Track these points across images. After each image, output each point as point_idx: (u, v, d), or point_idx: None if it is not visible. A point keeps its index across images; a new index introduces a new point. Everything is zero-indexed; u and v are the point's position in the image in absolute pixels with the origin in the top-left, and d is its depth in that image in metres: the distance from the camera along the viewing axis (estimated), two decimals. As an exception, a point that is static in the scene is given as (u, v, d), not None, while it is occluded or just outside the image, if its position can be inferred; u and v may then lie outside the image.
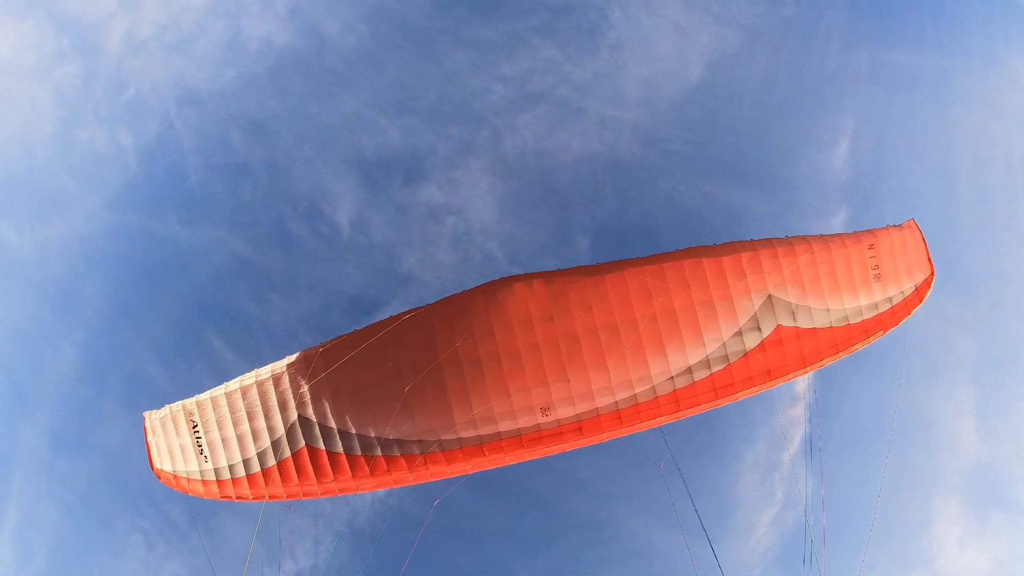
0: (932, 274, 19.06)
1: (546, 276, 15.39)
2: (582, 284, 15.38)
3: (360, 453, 15.63)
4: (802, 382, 18.74)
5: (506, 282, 15.21)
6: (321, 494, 16.01)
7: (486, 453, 15.92)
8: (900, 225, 18.54)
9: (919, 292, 19.07)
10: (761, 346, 17.40)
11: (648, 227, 43.44)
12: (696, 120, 44.70)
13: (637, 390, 16.44)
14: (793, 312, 17.45)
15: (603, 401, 16.20)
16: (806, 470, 18.27)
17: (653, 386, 16.55)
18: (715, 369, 17.06)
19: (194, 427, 15.83)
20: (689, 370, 16.84)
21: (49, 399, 47.22)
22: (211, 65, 48.47)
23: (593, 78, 45.63)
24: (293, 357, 15.28)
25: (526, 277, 15.32)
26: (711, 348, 16.94)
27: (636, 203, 44.29)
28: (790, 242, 17.38)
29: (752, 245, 16.97)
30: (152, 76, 49.15)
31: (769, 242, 17.24)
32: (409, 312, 14.97)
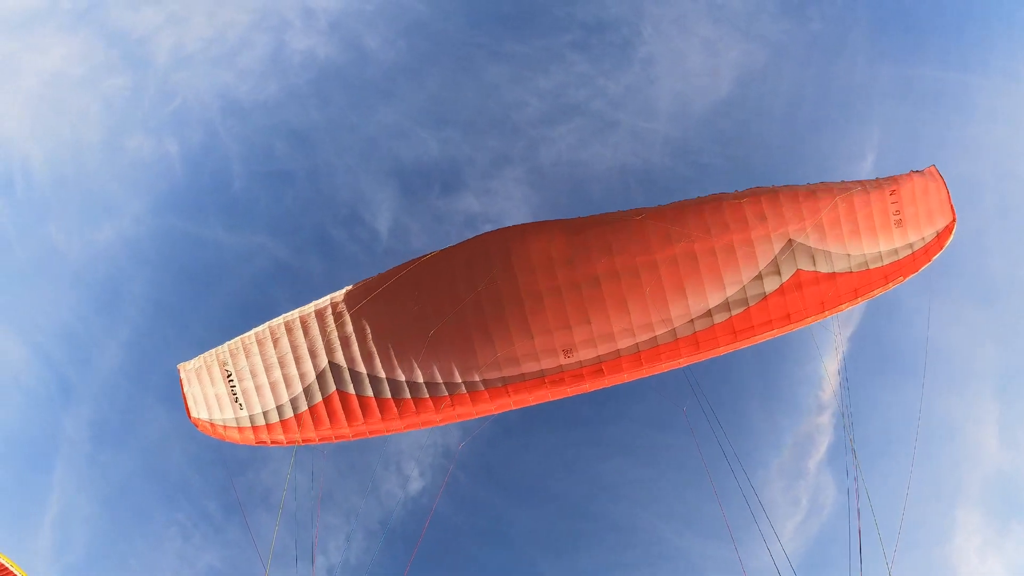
0: (954, 220, 18.98)
1: (566, 221, 15.59)
2: (602, 229, 15.60)
3: (389, 396, 16.07)
4: (828, 389, 18.90)
5: (527, 227, 15.45)
6: (352, 436, 16.51)
7: (510, 394, 16.27)
8: (922, 171, 18.47)
9: (940, 239, 19.02)
10: (780, 290, 17.49)
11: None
12: (726, 133, 45.44)
13: (657, 332, 16.65)
14: (813, 257, 17.51)
15: (624, 343, 16.44)
16: (855, 472, 18.44)
17: (673, 328, 16.75)
18: (735, 312, 17.20)
19: (228, 376, 16.39)
20: (709, 313, 17.00)
21: (93, 394, 48.88)
22: (255, 77, 49.95)
23: (626, 91, 46.66)
24: (321, 303, 15.72)
25: (546, 223, 15.54)
26: (731, 291, 17.06)
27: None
28: (812, 189, 17.36)
29: (774, 191, 16.98)
30: (198, 87, 50.62)
31: (792, 188, 17.20)
32: (430, 254, 15.32)
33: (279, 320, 16.02)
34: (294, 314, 16.07)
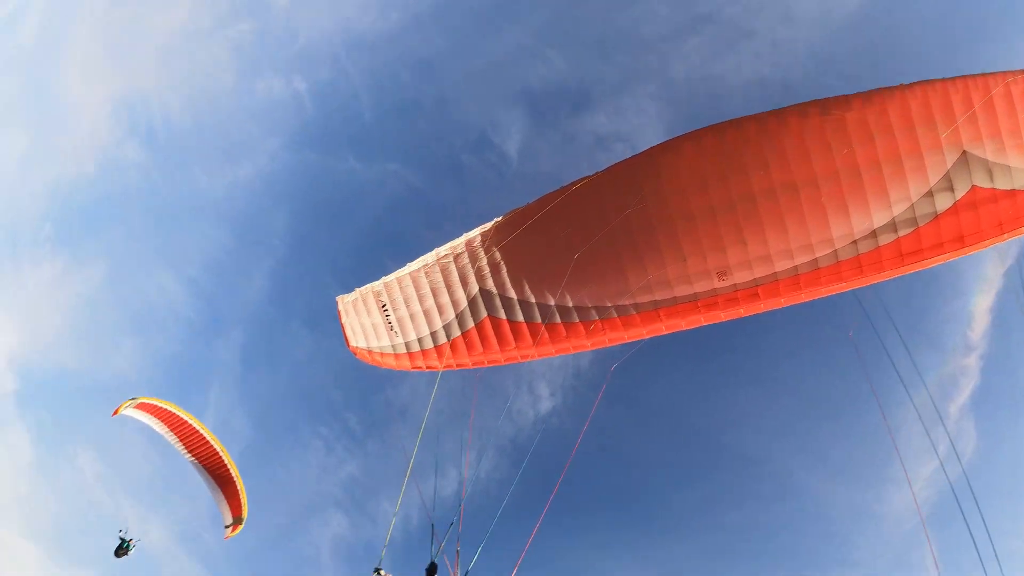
0: None
1: (717, 132, 14.53)
2: (756, 140, 14.45)
3: (539, 321, 16.17)
4: (977, 327, 17.09)
5: (676, 143, 14.64)
6: (504, 361, 16.82)
7: (662, 318, 15.93)
8: None
9: None
10: (954, 208, 15.88)
11: None
12: (875, 38, 40.82)
13: (818, 254, 15.65)
14: (990, 171, 15.68)
15: (781, 265, 15.59)
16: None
17: (835, 250, 15.68)
18: (902, 233, 15.83)
19: (383, 306, 17.05)
20: (874, 233, 15.73)
21: (242, 321, 53.13)
22: (376, 8, 50.81)
23: None
24: (471, 234, 15.92)
25: (695, 136, 14.58)
26: (898, 209, 15.66)
27: None
28: (984, 81, 15.33)
29: (943, 88, 15.11)
30: (320, 25, 52.36)
31: (962, 81, 15.15)
32: (580, 181, 15.04)
33: (431, 253, 16.42)
34: (445, 247, 16.39)
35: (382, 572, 13.35)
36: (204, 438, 25.26)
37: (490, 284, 16.03)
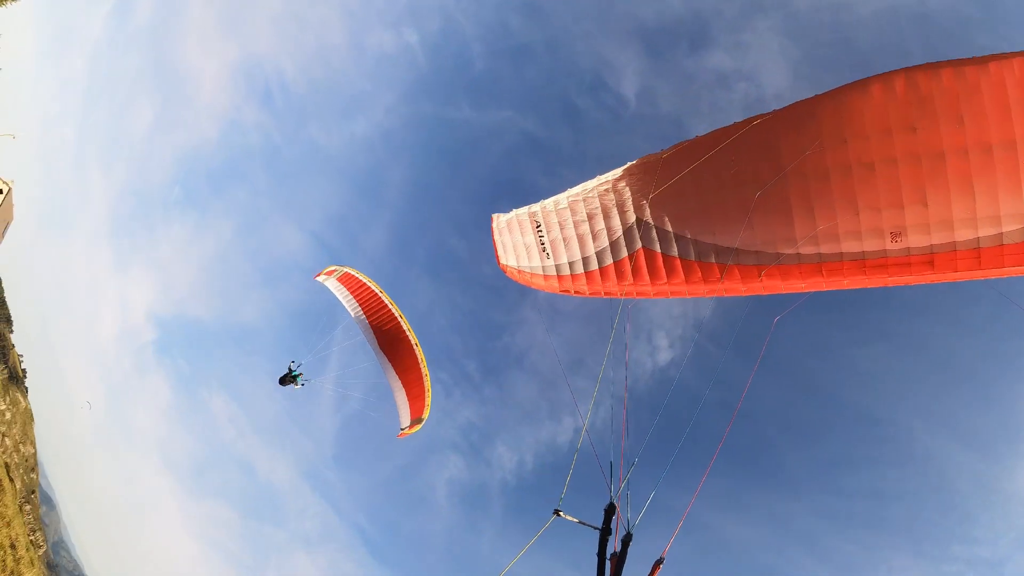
0: None
1: (910, 74, 13.66)
2: (954, 89, 13.48)
3: (695, 259, 16.11)
4: None
5: (863, 83, 13.93)
6: (653, 295, 16.84)
7: (824, 273, 15.45)
8: None
9: None
10: None
11: None
12: None
13: (1005, 228, 14.56)
14: None
15: (963, 235, 14.68)
16: None
17: None
18: None
19: (537, 227, 17.60)
20: None
21: (366, 270, 56.38)
22: None
23: None
24: (633, 163, 16.18)
25: (886, 77, 13.74)
26: None
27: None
28: None
29: None
30: None
31: None
32: (755, 118, 14.96)
33: (591, 181, 16.79)
34: (604, 176, 16.73)
35: (562, 514, 12.99)
36: (400, 327, 23.60)
37: (648, 215, 16.17)
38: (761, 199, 15.07)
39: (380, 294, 24.24)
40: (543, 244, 17.60)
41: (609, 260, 16.93)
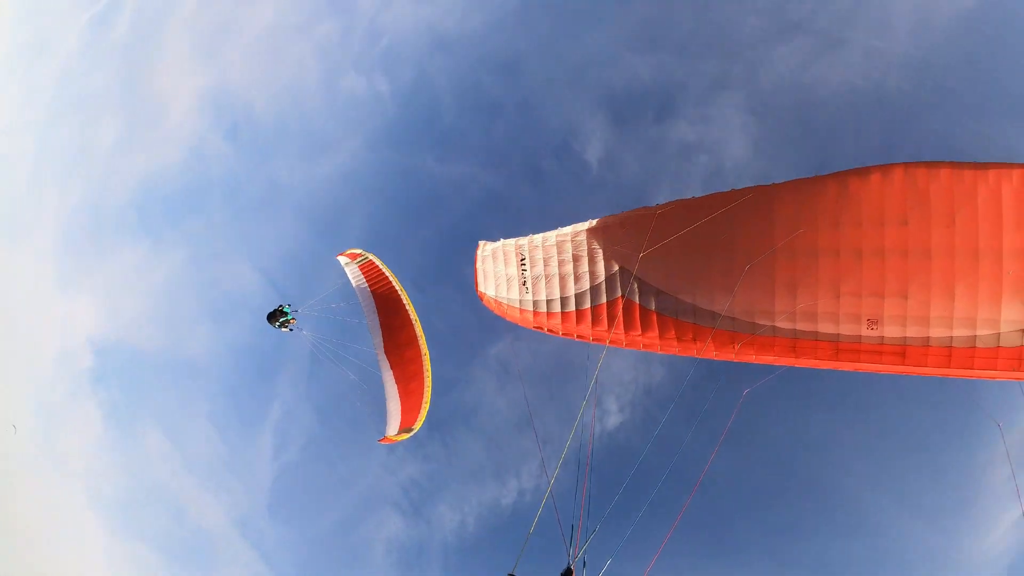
0: None
1: (909, 169, 13.85)
2: (950, 188, 13.65)
3: (672, 316, 16.05)
4: None
5: (864, 171, 14.09)
6: (625, 345, 16.75)
7: (797, 351, 15.48)
8: None
9: None
10: None
11: None
12: (973, 52, 39.00)
13: (979, 332, 14.76)
14: None
15: (937, 332, 14.82)
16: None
17: (998, 333, 14.76)
18: None
19: (521, 260, 17.39)
20: None
21: (315, 316, 55.15)
22: (460, 11, 52.42)
23: (856, 5, 42.03)
24: (627, 213, 16.06)
25: (886, 168, 13.94)
26: None
27: (904, 145, 40.06)
28: None
29: None
30: (403, 26, 54.58)
31: None
32: (752, 189, 14.94)
33: (583, 224, 16.66)
34: (596, 220, 16.60)
35: None
36: (414, 334, 22.02)
37: (634, 266, 16.06)
38: (748, 269, 15.03)
39: (400, 293, 22.75)
40: (525, 278, 17.42)
41: (587, 304, 16.82)
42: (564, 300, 17.01)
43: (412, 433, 22.44)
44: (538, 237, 17.06)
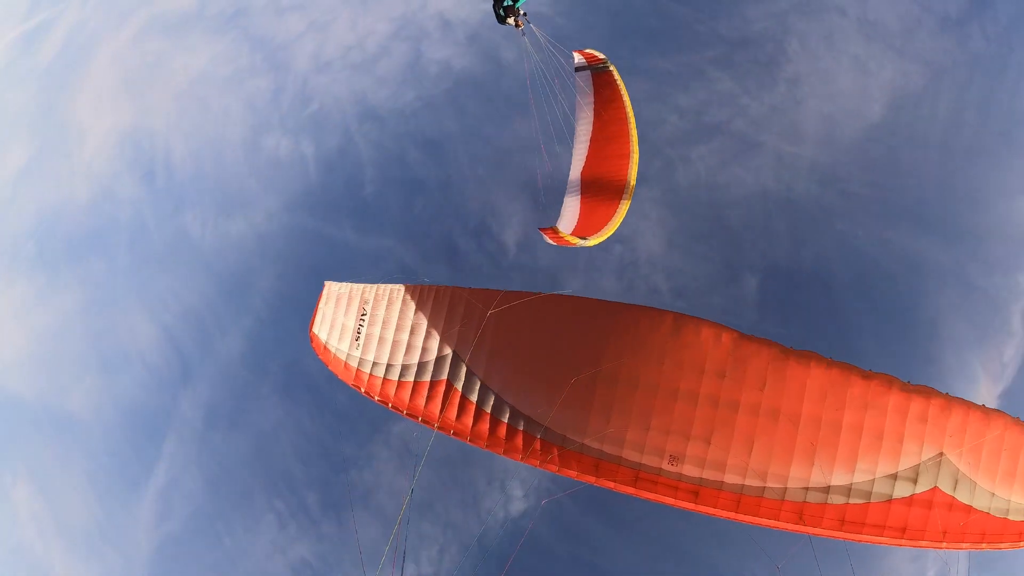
0: None
1: (738, 334, 15.10)
2: (768, 359, 15.00)
3: (489, 411, 15.99)
4: None
5: (699, 322, 15.00)
6: (434, 427, 16.59)
7: (599, 471, 15.84)
8: None
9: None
10: (909, 500, 16.17)
11: (821, 271, 41.52)
12: (877, 161, 42.23)
13: (767, 484, 15.74)
14: (956, 480, 16.07)
15: (731, 479, 15.65)
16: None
17: (785, 487, 15.77)
18: (852, 501, 16.01)
19: (362, 315, 16.78)
20: (827, 489, 15.90)
21: (211, 378, 51.49)
22: (392, 85, 50.76)
23: (770, 112, 43.93)
24: (478, 292, 15.76)
25: (719, 327, 15.08)
26: (859, 478, 15.90)
27: (810, 244, 42.17)
28: (987, 412, 15.90)
29: (947, 399, 15.61)
30: (336, 92, 52.16)
31: (966, 404, 15.76)
32: (593, 300, 15.07)
33: (432, 288, 16.22)
34: (447, 289, 16.17)
35: None
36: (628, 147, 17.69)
37: (465, 352, 15.85)
38: (567, 382, 15.11)
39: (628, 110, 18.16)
40: (359, 334, 16.84)
41: (411, 377, 16.49)
42: (390, 367, 16.58)
43: (586, 244, 17.10)
44: (385, 291, 16.51)
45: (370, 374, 16.86)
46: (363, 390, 17.02)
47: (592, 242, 16.44)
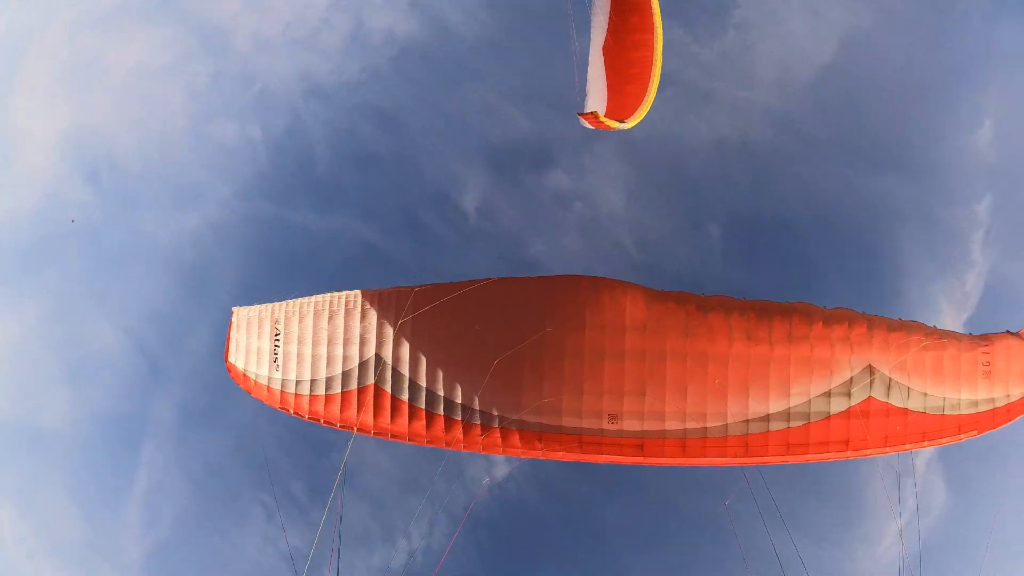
0: None
1: (652, 292, 15.34)
2: (687, 310, 15.31)
3: (423, 407, 15.69)
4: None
5: (611, 283, 15.11)
6: (372, 433, 16.23)
7: (542, 443, 15.73)
8: (1019, 333, 17.48)
9: (1026, 402, 17.88)
10: (846, 413, 16.62)
11: (783, 215, 41.85)
12: (831, 102, 42.67)
13: (709, 424, 15.92)
14: (889, 387, 16.59)
15: (672, 426, 15.76)
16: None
17: (726, 424, 15.99)
18: (793, 424, 16.37)
19: (276, 335, 16.18)
20: (766, 418, 16.20)
21: (181, 376, 49.36)
22: (336, 58, 49.14)
23: (721, 59, 43.73)
24: (387, 292, 15.40)
25: (632, 286, 15.25)
26: (795, 402, 16.26)
27: (770, 189, 42.50)
28: (906, 325, 16.40)
29: (868, 319, 16.22)
30: (279, 71, 50.38)
31: (884, 320, 16.43)
32: (508, 280, 14.86)
33: (342, 295, 15.76)
34: (357, 294, 15.74)
35: None
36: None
37: (387, 353, 15.49)
38: (496, 364, 14.92)
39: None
40: (276, 355, 16.26)
41: (338, 389, 16.04)
42: (314, 383, 16.10)
43: (623, 127, 15.70)
44: (296, 306, 15.97)
45: (296, 393, 16.33)
46: (291, 411, 16.48)
47: (630, 124, 15.41)
